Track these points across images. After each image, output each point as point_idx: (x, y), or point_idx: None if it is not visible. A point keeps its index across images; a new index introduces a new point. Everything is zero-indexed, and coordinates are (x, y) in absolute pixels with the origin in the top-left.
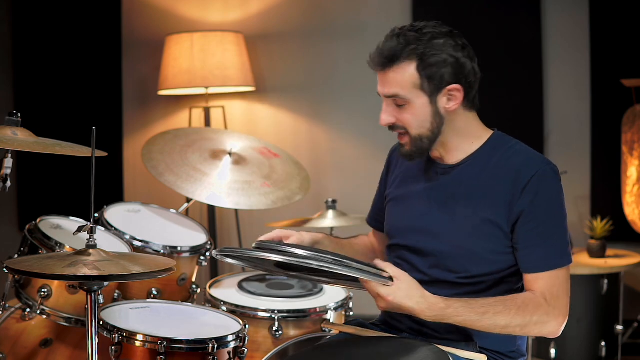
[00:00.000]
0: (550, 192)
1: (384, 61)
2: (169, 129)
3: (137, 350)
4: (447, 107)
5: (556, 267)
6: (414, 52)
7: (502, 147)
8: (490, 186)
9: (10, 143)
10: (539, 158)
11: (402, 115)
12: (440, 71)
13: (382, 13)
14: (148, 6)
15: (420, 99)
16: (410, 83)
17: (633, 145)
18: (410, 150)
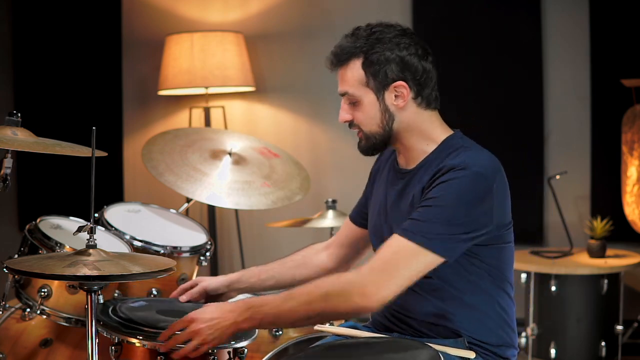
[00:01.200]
0: (457, 186)
1: (333, 60)
2: (169, 129)
3: (137, 350)
4: (396, 104)
5: (404, 236)
6: (359, 49)
7: (447, 149)
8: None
9: (10, 143)
10: (473, 158)
11: (355, 112)
12: (383, 68)
13: (382, 13)
14: (148, 6)
15: (368, 96)
16: (358, 80)
17: (633, 145)
18: (365, 146)
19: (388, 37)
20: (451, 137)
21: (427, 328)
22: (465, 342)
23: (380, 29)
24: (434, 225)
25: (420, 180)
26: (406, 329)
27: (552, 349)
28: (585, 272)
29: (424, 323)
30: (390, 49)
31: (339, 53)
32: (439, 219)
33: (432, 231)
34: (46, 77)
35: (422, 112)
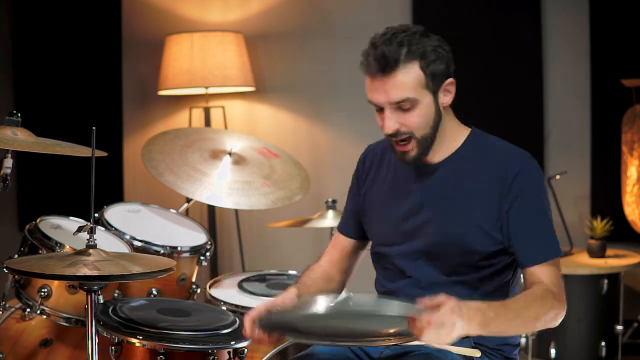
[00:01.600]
0: (535, 186)
1: (387, 65)
2: (169, 129)
3: (137, 350)
4: (444, 103)
5: (554, 257)
6: (415, 51)
7: (481, 144)
8: (474, 186)
9: (10, 143)
10: (521, 153)
11: (407, 119)
12: (440, 67)
13: (382, 13)
14: (148, 6)
15: (427, 98)
16: (417, 83)
17: (633, 145)
18: (417, 155)
19: (427, 35)
20: (476, 131)
21: None
22: (472, 341)
23: (415, 29)
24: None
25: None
26: None
27: (552, 349)
28: (585, 272)
29: None
30: (439, 46)
31: (393, 57)
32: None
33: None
34: (46, 77)
35: (449, 109)
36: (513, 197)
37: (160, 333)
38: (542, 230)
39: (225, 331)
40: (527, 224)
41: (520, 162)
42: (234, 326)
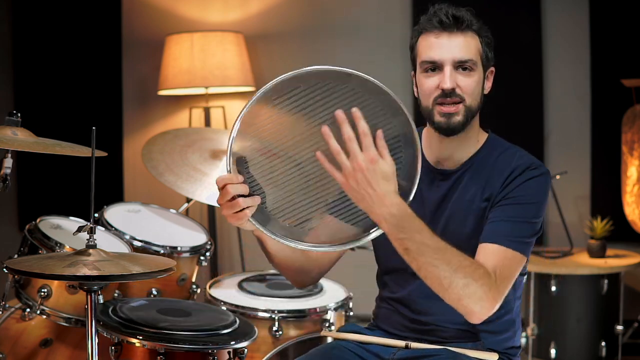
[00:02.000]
0: (535, 185)
1: (460, 24)
2: (169, 129)
3: (137, 350)
4: (486, 88)
5: (510, 246)
6: (477, 26)
7: (497, 150)
8: (482, 187)
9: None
10: (534, 159)
11: (464, 81)
12: (489, 51)
13: (382, 13)
14: (148, 6)
15: (479, 71)
16: (478, 52)
17: (633, 145)
18: (461, 120)
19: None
20: (492, 136)
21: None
22: (484, 345)
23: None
24: (525, 229)
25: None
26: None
27: (552, 349)
28: (585, 272)
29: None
30: (490, 35)
31: (466, 20)
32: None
33: (524, 234)
34: (46, 77)
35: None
36: (509, 190)
37: (160, 333)
38: (515, 219)
39: (225, 331)
40: (505, 208)
41: (527, 163)
42: (234, 326)
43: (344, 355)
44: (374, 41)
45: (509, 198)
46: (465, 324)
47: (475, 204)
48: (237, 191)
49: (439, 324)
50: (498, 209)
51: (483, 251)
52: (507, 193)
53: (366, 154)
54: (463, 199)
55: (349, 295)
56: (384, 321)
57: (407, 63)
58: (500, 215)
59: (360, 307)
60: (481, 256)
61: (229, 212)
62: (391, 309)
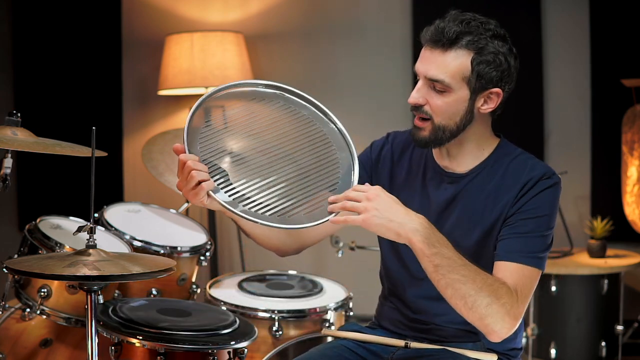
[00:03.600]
0: (548, 197)
1: (443, 41)
2: (169, 129)
3: (137, 350)
4: (481, 109)
5: (530, 263)
6: (475, 43)
7: (508, 157)
8: (493, 198)
9: (10, 143)
10: (546, 167)
11: (435, 100)
12: (491, 71)
13: (382, 13)
14: (148, 6)
15: (462, 91)
16: (460, 72)
17: (633, 145)
18: (426, 138)
19: (500, 38)
20: (504, 142)
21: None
22: (484, 346)
23: (492, 26)
24: (540, 243)
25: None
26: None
27: (552, 349)
28: (585, 272)
29: (450, 329)
30: (503, 54)
31: (451, 37)
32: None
33: (538, 249)
34: (46, 77)
35: (489, 118)
36: (522, 203)
37: (160, 333)
38: (530, 235)
39: (225, 331)
40: (519, 224)
41: (539, 174)
42: (234, 326)
43: (344, 354)
44: (374, 41)
45: (522, 212)
46: (465, 324)
47: (484, 216)
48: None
49: (438, 324)
50: (511, 224)
51: (501, 270)
52: (520, 207)
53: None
54: (471, 207)
55: (349, 295)
56: (385, 319)
57: (407, 63)
58: (514, 231)
59: (360, 307)
60: (499, 275)
61: (187, 189)
62: (392, 307)
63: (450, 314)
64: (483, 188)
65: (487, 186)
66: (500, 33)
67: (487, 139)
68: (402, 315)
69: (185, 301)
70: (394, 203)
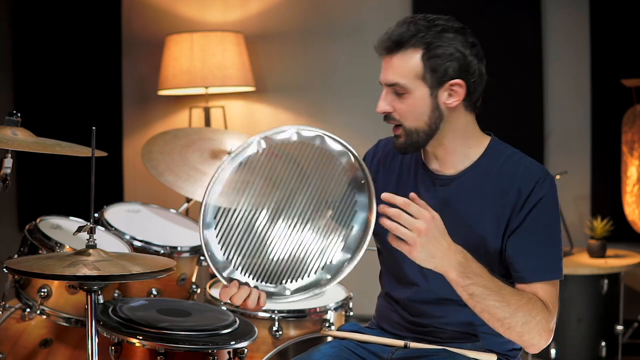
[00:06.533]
0: (549, 201)
1: (390, 45)
2: (169, 129)
3: (137, 350)
4: (447, 103)
5: (554, 278)
6: (421, 40)
7: (500, 157)
8: (488, 200)
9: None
10: (538, 168)
11: (399, 105)
12: (445, 64)
13: (382, 13)
14: (148, 6)
15: (421, 90)
16: (413, 72)
17: (633, 145)
18: (404, 143)
19: (452, 31)
20: (494, 141)
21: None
22: (483, 346)
23: (442, 22)
24: (556, 251)
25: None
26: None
27: (552, 349)
28: (585, 272)
29: (448, 331)
30: (454, 45)
31: (396, 40)
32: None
33: (557, 258)
34: (46, 77)
35: (467, 114)
36: (524, 214)
37: (160, 333)
38: (547, 247)
39: (225, 331)
40: (531, 239)
41: (535, 177)
42: (234, 326)
43: (343, 354)
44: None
45: (530, 227)
46: (464, 325)
47: (479, 218)
48: (242, 298)
49: (437, 326)
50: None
51: (532, 290)
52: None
53: (422, 217)
54: (465, 209)
55: (349, 295)
56: (384, 320)
57: None
58: (530, 248)
59: (360, 307)
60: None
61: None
62: (391, 309)
63: (449, 316)
64: (476, 189)
65: (480, 187)
66: (452, 26)
67: (473, 137)
68: (400, 317)
69: (185, 301)
70: (441, 238)
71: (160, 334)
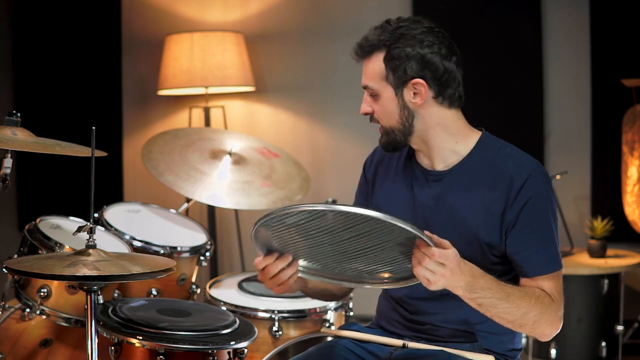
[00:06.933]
0: (543, 194)
1: (358, 51)
2: (169, 129)
3: (137, 350)
4: (414, 102)
5: (555, 270)
6: (382, 43)
7: (491, 151)
8: (481, 194)
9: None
10: (530, 161)
11: (375, 106)
12: (403, 64)
13: (382, 13)
14: (148, 6)
15: (387, 90)
16: (378, 74)
17: (633, 145)
18: (385, 141)
19: (413, 33)
20: (485, 136)
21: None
22: (482, 346)
23: (407, 24)
24: (554, 243)
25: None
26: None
27: (552, 349)
28: (585, 272)
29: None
30: (411, 46)
31: (363, 45)
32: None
33: (556, 250)
34: (46, 77)
35: (446, 110)
36: (520, 207)
37: (160, 333)
38: (545, 243)
39: (225, 331)
40: (531, 235)
41: (527, 170)
42: (234, 326)
43: (342, 353)
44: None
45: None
46: (461, 324)
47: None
48: (278, 268)
49: (435, 324)
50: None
51: (537, 284)
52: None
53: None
54: (458, 203)
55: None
56: (384, 318)
57: None
58: (529, 245)
59: (360, 307)
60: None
61: (273, 286)
62: (390, 307)
63: (446, 313)
64: (467, 183)
65: (471, 181)
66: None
67: (458, 132)
68: (399, 315)
69: (185, 301)
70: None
71: (160, 334)
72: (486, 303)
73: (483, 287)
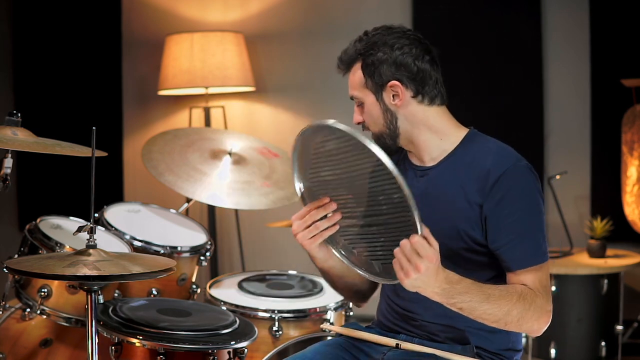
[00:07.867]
0: (522, 187)
1: (340, 65)
2: (169, 129)
3: (137, 350)
4: (394, 104)
5: (539, 262)
6: (359, 53)
7: (475, 146)
8: (462, 187)
9: (10, 143)
10: (510, 155)
11: (363, 114)
12: (377, 70)
13: (382, 13)
14: (148, 6)
15: (369, 97)
16: (359, 83)
17: (633, 145)
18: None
19: (385, 39)
20: (472, 132)
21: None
22: (474, 349)
23: (380, 32)
24: (538, 234)
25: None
26: (414, 330)
27: (552, 349)
28: (585, 272)
29: (435, 325)
30: (383, 51)
31: (343, 58)
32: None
33: (540, 242)
34: (46, 77)
35: (427, 108)
36: (496, 200)
37: (160, 333)
38: (527, 234)
39: (225, 331)
40: (509, 229)
41: (505, 164)
42: (234, 326)
43: (337, 352)
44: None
45: (508, 214)
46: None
47: (456, 206)
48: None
49: (425, 319)
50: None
51: (519, 278)
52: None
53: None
54: (443, 198)
55: None
56: (381, 313)
57: None
58: (511, 236)
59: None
60: (516, 283)
61: (304, 239)
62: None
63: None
64: (451, 178)
65: (454, 176)
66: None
67: (442, 129)
68: (393, 310)
69: (185, 301)
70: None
71: (160, 334)
72: (466, 307)
73: (461, 292)
